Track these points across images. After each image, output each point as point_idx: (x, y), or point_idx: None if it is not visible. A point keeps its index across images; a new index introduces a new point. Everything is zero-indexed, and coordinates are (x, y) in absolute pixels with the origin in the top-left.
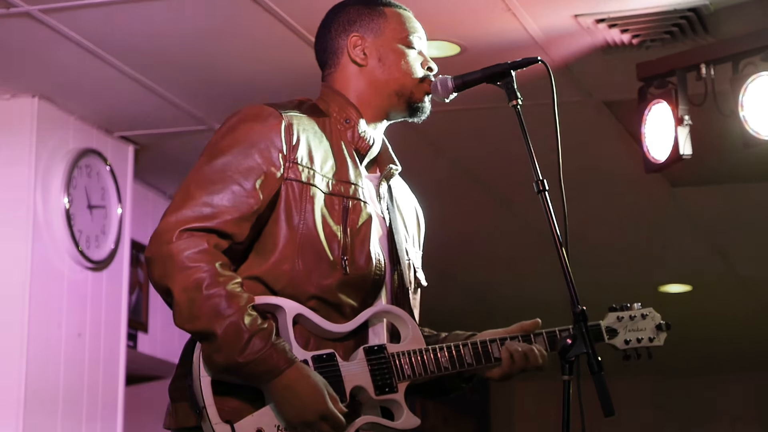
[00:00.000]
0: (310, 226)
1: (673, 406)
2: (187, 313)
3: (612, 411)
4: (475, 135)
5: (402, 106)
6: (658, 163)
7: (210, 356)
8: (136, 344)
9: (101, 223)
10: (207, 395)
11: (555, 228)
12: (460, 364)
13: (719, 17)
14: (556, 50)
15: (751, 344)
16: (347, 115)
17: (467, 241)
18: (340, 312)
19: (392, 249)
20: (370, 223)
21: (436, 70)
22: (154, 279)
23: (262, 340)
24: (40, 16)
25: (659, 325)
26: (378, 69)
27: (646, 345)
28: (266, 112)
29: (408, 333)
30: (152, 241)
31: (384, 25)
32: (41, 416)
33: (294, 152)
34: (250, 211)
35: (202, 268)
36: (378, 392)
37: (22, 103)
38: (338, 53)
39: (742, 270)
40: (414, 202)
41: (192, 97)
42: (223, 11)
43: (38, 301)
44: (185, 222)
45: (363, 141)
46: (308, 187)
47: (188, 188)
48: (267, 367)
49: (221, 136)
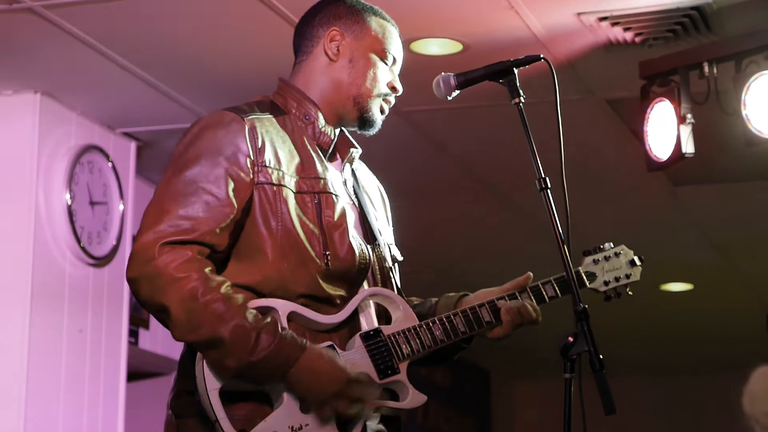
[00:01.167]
0: (288, 227)
1: (674, 404)
2: (187, 325)
3: (613, 409)
4: (477, 133)
5: (354, 114)
6: (660, 162)
7: (220, 362)
8: (137, 340)
9: (103, 220)
10: (218, 408)
11: (557, 226)
12: (454, 334)
13: (722, 16)
14: (558, 48)
15: (752, 343)
16: (305, 112)
17: (468, 239)
18: (330, 304)
19: (367, 231)
20: (345, 215)
21: (400, 92)
22: (143, 298)
23: (269, 335)
24: (42, 11)
25: (632, 260)
26: (345, 69)
27: (624, 282)
28: (228, 117)
29: (399, 312)
30: (133, 261)
31: (366, 31)
32: (43, 412)
33: (261, 155)
34: (226, 220)
35: (193, 277)
36: (381, 376)
37: (24, 98)
38: (314, 42)
39: (743, 268)
40: (375, 180)
41: (194, 94)
42: (227, 8)
43: (40, 297)
44: (164, 237)
45: (324, 135)
46: (280, 188)
47: (161, 203)
48: (281, 360)
49: (185, 147)
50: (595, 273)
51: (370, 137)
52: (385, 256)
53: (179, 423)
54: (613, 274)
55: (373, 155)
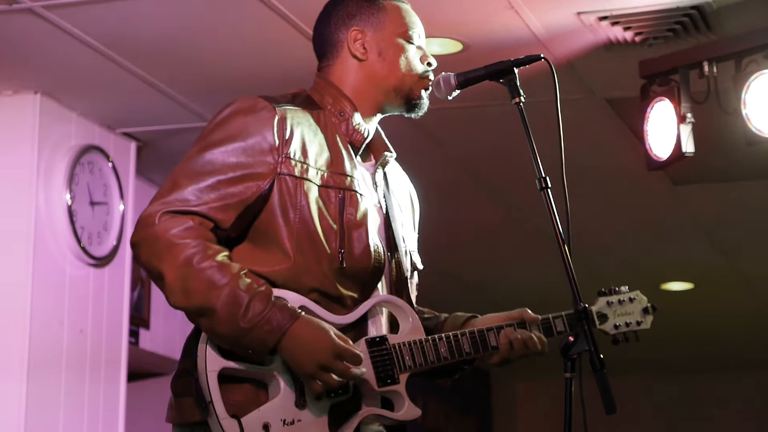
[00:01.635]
0: (307, 220)
1: (674, 403)
2: (180, 290)
3: (614, 409)
4: (477, 132)
5: (399, 102)
6: (660, 161)
7: (213, 329)
8: (137, 341)
9: (103, 220)
10: (214, 389)
11: (557, 225)
12: (458, 353)
13: (722, 15)
14: (558, 48)
15: (753, 342)
16: (341, 108)
17: (468, 238)
18: (341, 304)
19: (390, 237)
20: (367, 215)
21: (435, 65)
22: (142, 262)
23: (261, 302)
24: (42, 12)
25: (646, 308)
26: (378, 64)
27: (634, 329)
28: (260, 105)
29: (408, 323)
30: (136, 226)
31: (384, 19)
32: (43, 412)
33: (287, 146)
34: (235, 201)
35: (190, 244)
36: (380, 384)
37: (24, 99)
38: (338, 46)
39: (744, 268)
40: (408, 185)
41: (194, 94)
42: (226, 7)
43: (40, 298)
44: (168, 206)
45: (357, 133)
46: (302, 181)
47: (176, 178)
48: (272, 327)
49: (213, 128)
50: (606, 315)
51: None
52: (405, 265)
53: (177, 402)
54: (625, 318)
55: None
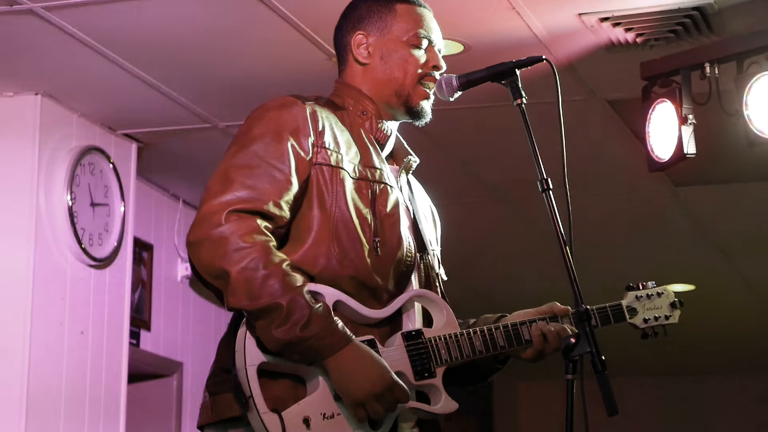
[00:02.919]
0: (343, 208)
1: (676, 405)
2: (244, 293)
3: (616, 410)
4: (479, 134)
5: (401, 108)
6: (661, 162)
7: (269, 332)
8: (138, 342)
9: (104, 221)
10: (254, 384)
11: (559, 227)
12: (493, 347)
13: (724, 16)
14: (560, 49)
15: (754, 344)
16: (363, 107)
17: (470, 239)
18: (375, 297)
19: (418, 237)
20: (398, 206)
21: (443, 69)
22: (203, 261)
23: (322, 317)
24: (43, 13)
25: (673, 302)
26: (380, 68)
27: (663, 323)
28: (290, 100)
29: (442, 317)
30: (198, 224)
31: (391, 23)
32: (44, 414)
33: (321, 137)
34: (289, 194)
35: (257, 248)
36: (417, 377)
37: (25, 100)
38: (347, 50)
39: (746, 270)
40: (429, 201)
41: (195, 95)
42: (228, 9)
43: (41, 299)
44: (231, 204)
45: (381, 132)
46: (338, 170)
47: (226, 173)
48: (328, 342)
49: (249, 126)
50: (636, 309)
51: None
52: (433, 264)
53: (213, 400)
54: (654, 313)
55: None
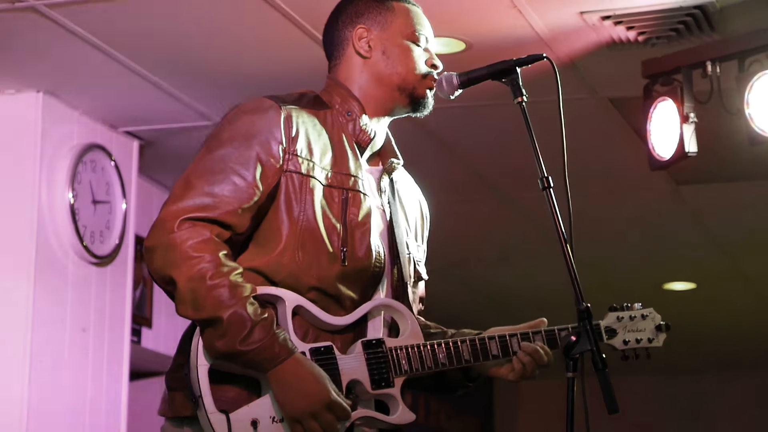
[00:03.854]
0: (310, 217)
1: (676, 403)
2: (190, 303)
3: (616, 408)
4: (479, 132)
5: (404, 101)
6: (663, 161)
7: (212, 342)
8: (140, 339)
9: (105, 219)
10: (204, 384)
11: (560, 225)
12: (457, 360)
13: (725, 15)
14: (561, 47)
15: (755, 342)
16: (349, 108)
17: (471, 237)
18: (339, 304)
19: (392, 242)
20: (370, 215)
21: (440, 68)
22: (155, 267)
23: (263, 330)
24: (45, 10)
25: (659, 326)
26: (382, 62)
27: (645, 346)
28: (266, 104)
29: (407, 327)
30: (153, 230)
31: (391, 19)
32: (45, 411)
33: (293, 144)
34: (250, 202)
35: (206, 258)
36: (374, 386)
37: (26, 98)
38: (344, 44)
39: (746, 268)
40: (419, 195)
41: (197, 93)
42: (229, 6)
43: (43, 296)
44: (186, 211)
45: (364, 134)
46: (308, 178)
47: (188, 178)
48: (267, 356)
49: (221, 129)
50: (615, 330)
51: None
52: (406, 272)
53: (170, 396)
54: (635, 335)
55: None
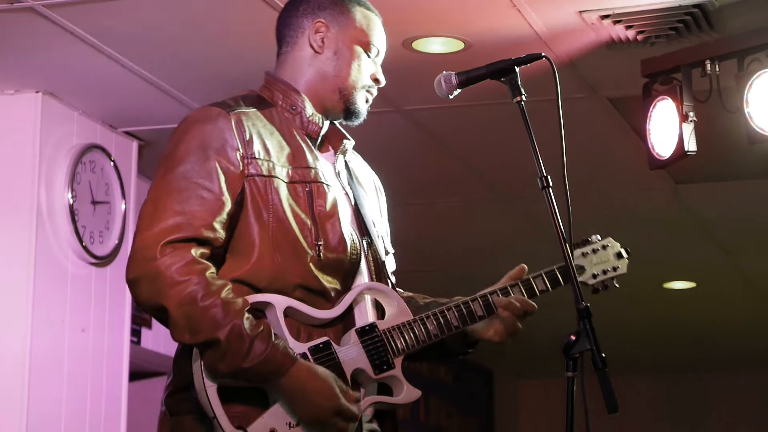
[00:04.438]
0: (281, 217)
1: (676, 402)
2: (185, 328)
3: (616, 408)
4: (478, 131)
5: (340, 106)
6: (662, 160)
7: (214, 364)
8: (139, 340)
9: (105, 219)
10: (216, 405)
11: (559, 224)
12: (447, 328)
13: (724, 13)
14: (560, 46)
15: (755, 341)
16: (292, 102)
17: (470, 237)
18: (324, 297)
19: (361, 224)
20: (336, 204)
21: (382, 83)
22: (143, 298)
23: (263, 342)
24: (44, 11)
25: (618, 252)
26: (330, 62)
27: (612, 275)
28: (214, 112)
29: (394, 307)
30: (133, 261)
31: (351, 23)
32: (45, 411)
33: (249, 147)
34: (222, 213)
35: (193, 281)
36: (377, 371)
37: (26, 98)
38: (299, 33)
39: (746, 266)
40: (371, 173)
41: (196, 93)
42: (229, 7)
43: (42, 297)
44: (163, 235)
45: (313, 124)
46: (270, 179)
47: (155, 201)
48: (271, 368)
49: (174, 145)
50: (583, 266)
51: (372, 136)
52: (379, 249)
53: (174, 420)
54: (601, 267)
55: (375, 153)
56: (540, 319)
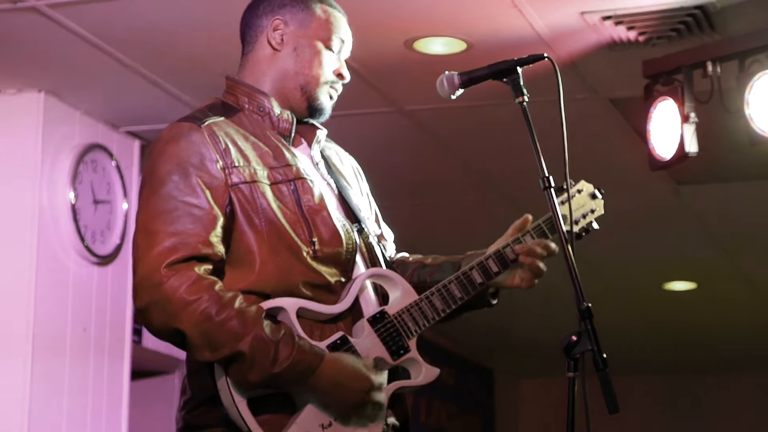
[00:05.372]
0: (272, 220)
1: (677, 403)
2: (206, 346)
3: (617, 408)
4: (480, 132)
5: (303, 104)
6: (663, 161)
7: (244, 376)
8: (141, 339)
9: (107, 218)
10: (249, 419)
11: (560, 225)
12: (452, 302)
13: (726, 15)
14: (562, 47)
15: (756, 342)
16: (259, 104)
17: (471, 237)
18: (328, 289)
19: (348, 210)
20: (323, 197)
21: (347, 78)
22: (156, 325)
23: (287, 345)
24: (46, 10)
25: (592, 193)
26: (290, 58)
27: (591, 218)
28: (185, 128)
29: (397, 289)
30: (140, 289)
31: (310, 19)
32: (46, 411)
33: (227, 157)
34: (216, 227)
35: (204, 298)
36: (395, 357)
37: (28, 97)
38: (258, 32)
39: (747, 267)
40: (348, 157)
41: (198, 93)
42: (231, 6)
43: (44, 296)
44: (162, 259)
45: (283, 122)
46: (255, 184)
47: (146, 226)
48: (301, 369)
49: (153, 167)
50: (565, 215)
51: (375, 137)
52: (370, 232)
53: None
54: (581, 211)
55: (376, 153)
56: (541, 320)
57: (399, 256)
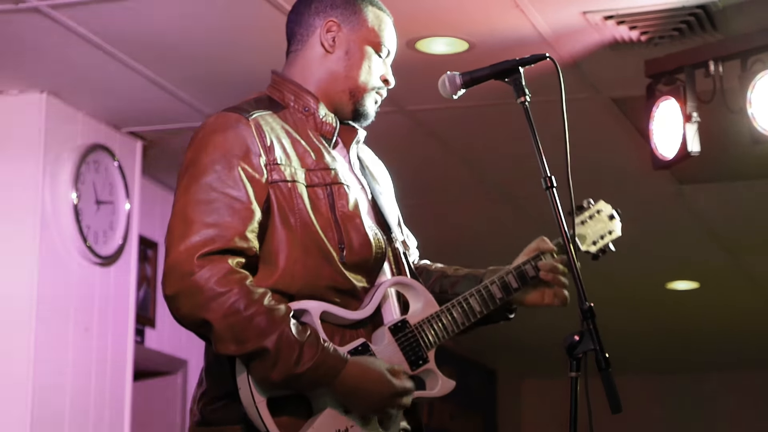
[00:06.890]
0: (306, 221)
1: (680, 402)
2: (232, 339)
3: (619, 408)
4: (482, 132)
5: (349, 106)
6: (665, 160)
7: (266, 373)
8: (143, 339)
9: (109, 219)
10: (268, 420)
11: (563, 225)
12: (472, 315)
13: (728, 14)
14: (564, 47)
15: (758, 342)
16: (305, 104)
17: (473, 237)
18: (353, 295)
19: (379, 216)
20: (357, 204)
21: (392, 85)
22: (183, 314)
23: (312, 347)
24: (48, 11)
25: (611, 215)
26: (341, 61)
27: (608, 240)
28: (233, 118)
29: (419, 300)
30: (170, 276)
31: (363, 23)
32: (49, 411)
33: (271, 153)
34: (253, 221)
35: (234, 291)
36: (414, 367)
37: (30, 98)
38: (310, 31)
39: (749, 267)
40: (380, 163)
41: (200, 93)
42: (233, 7)
43: (46, 297)
44: (197, 249)
45: (327, 125)
46: (294, 184)
47: (184, 214)
48: (323, 371)
49: (196, 154)
50: (585, 235)
51: (375, 136)
52: (397, 239)
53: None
54: (599, 232)
55: (377, 153)
56: (543, 319)
57: (422, 263)
